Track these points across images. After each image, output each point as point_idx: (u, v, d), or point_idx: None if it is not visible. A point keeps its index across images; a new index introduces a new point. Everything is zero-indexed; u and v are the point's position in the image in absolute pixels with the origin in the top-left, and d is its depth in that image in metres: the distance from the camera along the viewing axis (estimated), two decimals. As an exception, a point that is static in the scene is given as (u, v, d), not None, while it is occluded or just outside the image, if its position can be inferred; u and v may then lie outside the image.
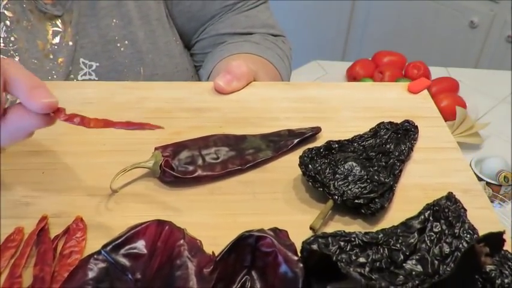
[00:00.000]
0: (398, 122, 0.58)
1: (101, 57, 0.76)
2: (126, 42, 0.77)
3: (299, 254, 0.41)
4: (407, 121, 0.58)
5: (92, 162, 0.52)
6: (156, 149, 0.51)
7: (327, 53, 2.36)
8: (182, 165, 0.50)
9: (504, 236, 0.38)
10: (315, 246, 0.40)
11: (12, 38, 0.70)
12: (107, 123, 0.46)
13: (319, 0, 2.23)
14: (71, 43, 0.74)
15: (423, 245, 0.43)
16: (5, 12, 0.70)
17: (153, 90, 0.64)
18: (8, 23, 0.70)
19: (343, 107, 0.62)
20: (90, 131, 0.55)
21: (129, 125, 0.46)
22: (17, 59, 0.71)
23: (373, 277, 0.38)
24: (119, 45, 0.77)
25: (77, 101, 0.61)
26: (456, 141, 1.02)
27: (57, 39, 0.73)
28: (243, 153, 0.52)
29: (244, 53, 0.77)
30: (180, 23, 0.83)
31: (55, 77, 0.72)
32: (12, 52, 0.70)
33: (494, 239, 0.37)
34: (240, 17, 0.85)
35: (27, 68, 0.70)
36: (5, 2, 0.70)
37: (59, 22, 0.73)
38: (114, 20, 0.76)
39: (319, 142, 0.56)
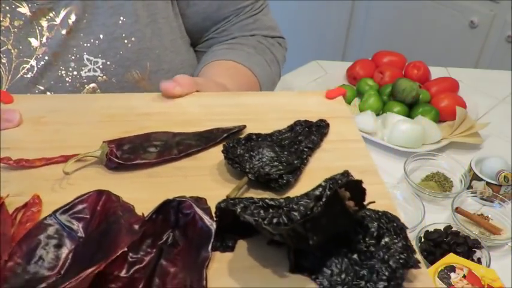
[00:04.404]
0: (314, 121, 0.68)
1: (107, 54, 0.80)
2: (133, 38, 0.81)
3: (214, 216, 0.51)
4: (320, 120, 0.68)
5: (50, 156, 0.62)
6: (104, 142, 0.61)
7: (327, 53, 2.40)
8: (125, 154, 0.60)
9: (363, 185, 0.48)
10: (223, 205, 0.50)
11: None
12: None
13: (319, 0, 2.28)
14: (66, 35, 0.76)
15: (319, 209, 0.53)
16: None
17: (113, 101, 0.73)
18: None
19: (270, 110, 0.72)
20: (51, 132, 0.66)
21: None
22: (4, 60, 0.73)
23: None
24: (126, 41, 0.80)
25: (44, 109, 0.70)
26: (456, 141, 1.09)
27: (52, 33, 0.76)
28: (178, 145, 0.62)
29: (227, 60, 0.86)
30: (194, 22, 0.90)
31: (49, 73, 0.76)
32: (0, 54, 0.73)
33: (354, 186, 0.48)
34: (249, 20, 0.94)
35: (18, 68, 0.76)
36: None
37: (52, 14, 0.76)
38: (122, 18, 0.80)
39: (245, 137, 0.66)
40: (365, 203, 0.49)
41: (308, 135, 0.64)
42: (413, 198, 0.93)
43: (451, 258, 0.75)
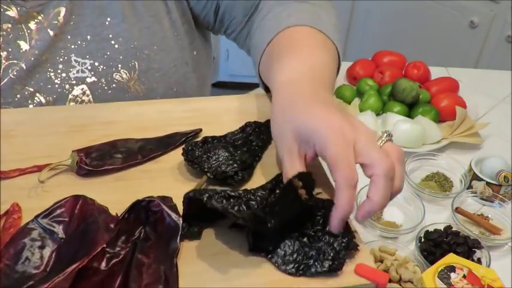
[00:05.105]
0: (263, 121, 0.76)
1: (95, 55, 0.81)
2: (120, 39, 0.82)
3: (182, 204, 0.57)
4: (268, 120, 0.76)
5: (23, 166, 0.67)
6: (73, 151, 0.67)
7: (327, 53, 2.42)
8: (93, 161, 0.66)
9: (313, 176, 0.56)
10: (191, 194, 0.56)
11: None
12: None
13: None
14: (54, 37, 0.77)
15: (273, 199, 0.61)
16: None
17: (76, 112, 0.79)
18: None
19: (224, 114, 0.80)
20: (22, 144, 0.71)
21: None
22: None
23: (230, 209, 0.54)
24: (113, 42, 0.81)
25: (11, 123, 0.74)
26: (456, 141, 1.09)
27: (41, 35, 0.78)
28: (141, 150, 0.69)
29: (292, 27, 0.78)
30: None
31: (37, 75, 0.78)
32: None
33: (306, 177, 0.56)
34: None
35: (7, 70, 0.77)
36: None
37: (41, 17, 0.77)
38: (108, 19, 0.81)
39: (202, 140, 0.73)
40: (314, 192, 0.58)
41: (258, 135, 0.72)
42: (413, 198, 0.93)
43: (451, 258, 0.74)
